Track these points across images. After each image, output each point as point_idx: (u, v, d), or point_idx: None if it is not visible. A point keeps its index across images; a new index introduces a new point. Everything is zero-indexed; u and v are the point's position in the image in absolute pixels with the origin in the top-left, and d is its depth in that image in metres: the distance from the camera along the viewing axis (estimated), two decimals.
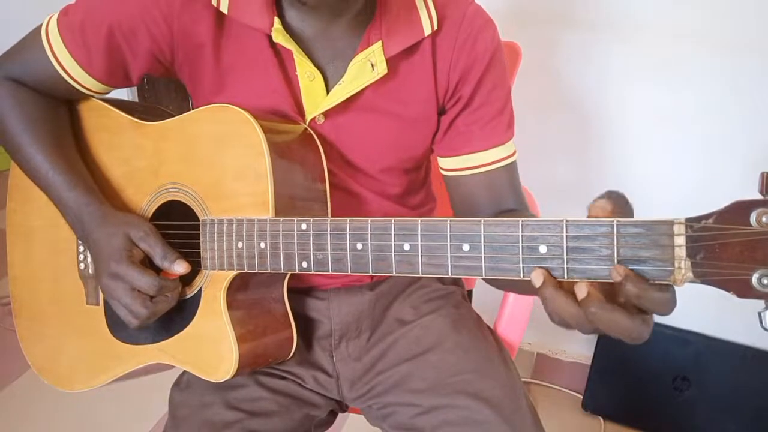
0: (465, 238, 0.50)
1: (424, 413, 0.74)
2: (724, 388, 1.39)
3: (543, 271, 0.47)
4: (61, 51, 0.71)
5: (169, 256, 0.67)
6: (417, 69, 0.70)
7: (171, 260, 0.67)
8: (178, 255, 0.67)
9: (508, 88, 0.75)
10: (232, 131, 0.65)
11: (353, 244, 0.56)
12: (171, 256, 0.67)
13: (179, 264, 0.67)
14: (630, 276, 0.43)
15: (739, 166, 1.25)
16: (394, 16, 0.68)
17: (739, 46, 1.17)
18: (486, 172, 0.74)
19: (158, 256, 0.67)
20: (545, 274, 0.47)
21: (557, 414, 1.53)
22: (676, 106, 1.27)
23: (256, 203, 0.64)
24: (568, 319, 0.46)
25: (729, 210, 0.41)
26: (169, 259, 0.67)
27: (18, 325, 0.85)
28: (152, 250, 0.67)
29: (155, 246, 0.67)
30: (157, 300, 0.66)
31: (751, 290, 0.40)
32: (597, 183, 1.42)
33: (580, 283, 0.45)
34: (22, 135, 0.73)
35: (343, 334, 0.81)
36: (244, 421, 0.74)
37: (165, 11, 0.68)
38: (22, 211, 0.85)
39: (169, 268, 0.67)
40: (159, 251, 0.67)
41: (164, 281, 0.66)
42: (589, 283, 0.45)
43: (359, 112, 0.71)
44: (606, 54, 1.28)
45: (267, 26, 0.66)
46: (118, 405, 1.48)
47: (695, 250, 0.42)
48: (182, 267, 0.67)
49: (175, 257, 0.67)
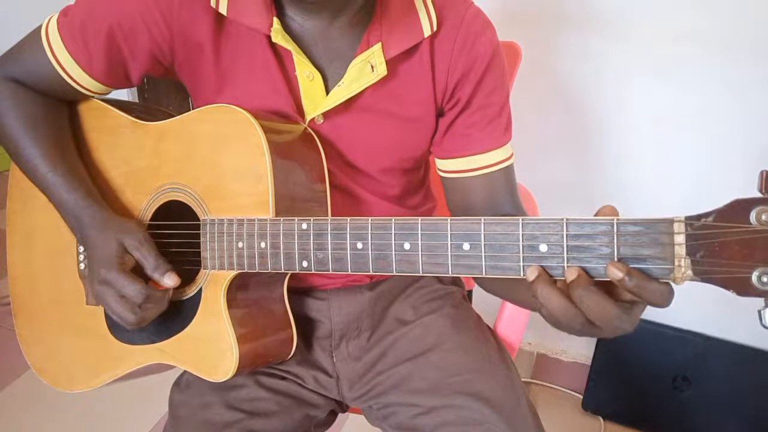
0: (465, 237, 0.50)
1: (424, 413, 0.74)
2: (724, 388, 1.39)
3: (538, 267, 0.47)
4: (61, 52, 0.71)
5: (161, 268, 0.67)
6: (416, 70, 0.70)
7: (161, 272, 0.67)
8: (169, 267, 0.68)
9: (507, 91, 0.75)
10: (233, 131, 0.65)
11: (353, 243, 0.56)
12: (162, 268, 0.67)
13: (169, 277, 0.67)
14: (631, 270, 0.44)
15: (738, 165, 1.25)
16: (394, 18, 0.68)
17: (738, 46, 1.17)
18: (484, 174, 0.74)
19: (150, 267, 0.67)
20: (540, 270, 0.47)
21: (557, 414, 1.53)
22: (676, 105, 1.27)
23: (257, 203, 0.64)
24: (557, 311, 0.47)
25: (729, 208, 0.41)
26: (160, 270, 0.67)
27: (17, 325, 0.85)
28: (144, 261, 0.68)
29: (148, 256, 0.67)
30: (145, 307, 0.66)
31: (751, 288, 0.40)
32: (596, 183, 1.42)
33: (572, 267, 0.46)
34: (23, 136, 0.73)
35: (343, 334, 0.81)
36: (244, 421, 0.74)
37: (164, 11, 0.68)
38: (23, 212, 0.85)
39: (159, 280, 0.67)
40: (151, 262, 0.67)
41: (152, 291, 0.66)
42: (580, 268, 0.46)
43: (358, 113, 0.71)
44: (606, 54, 1.28)
45: (266, 27, 0.66)
46: (118, 405, 1.48)
47: (695, 249, 0.42)
48: (172, 281, 0.67)
49: (166, 269, 0.67)
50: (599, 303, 0.45)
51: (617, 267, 0.44)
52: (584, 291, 0.45)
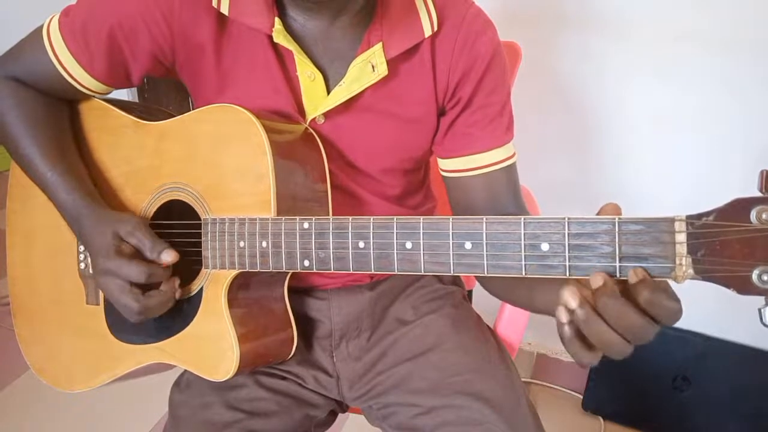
0: (467, 236, 0.50)
1: (424, 413, 0.74)
2: (724, 388, 1.39)
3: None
4: (62, 51, 0.71)
5: (157, 247, 0.68)
6: (417, 70, 0.71)
7: (159, 250, 0.67)
8: (166, 245, 0.68)
9: (508, 90, 0.75)
10: (234, 131, 0.65)
11: (355, 242, 0.57)
12: (159, 246, 0.68)
13: (167, 253, 0.67)
14: (647, 280, 0.43)
15: (738, 165, 1.25)
16: (395, 17, 0.68)
17: (738, 46, 1.17)
18: (486, 173, 0.74)
19: (147, 249, 0.68)
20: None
21: (557, 414, 1.53)
22: (676, 105, 1.27)
23: (258, 202, 0.64)
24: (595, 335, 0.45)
25: (729, 207, 0.41)
26: (157, 249, 0.67)
27: (17, 325, 0.85)
28: (141, 244, 0.68)
29: (143, 239, 0.68)
30: (150, 294, 0.67)
31: (751, 287, 0.40)
32: (596, 183, 1.42)
33: (597, 274, 0.45)
34: (23, 136, 0.73)
35: (343, 334, 0.82)
36: (244, 421, 0.74)
37: (165, 12, 0.68)
38: (23, 212, 0.85)
39: (158, 258, 0.67)
40: (147, 243, 0.68)
41: (152, 268, 0.66)
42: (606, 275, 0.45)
43: (359, 113, 0.71)
44: (606, 54, 1.28)
45: (267, 27, 0.66)
46: (118, 405, 1.47)
47: (696, 247, 0.42)
48: (170, 256, 0.67)
49: (163, 247, 0.68)
50: (622, 312, 0.44)
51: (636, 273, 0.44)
52: (608, 299, 0.44)
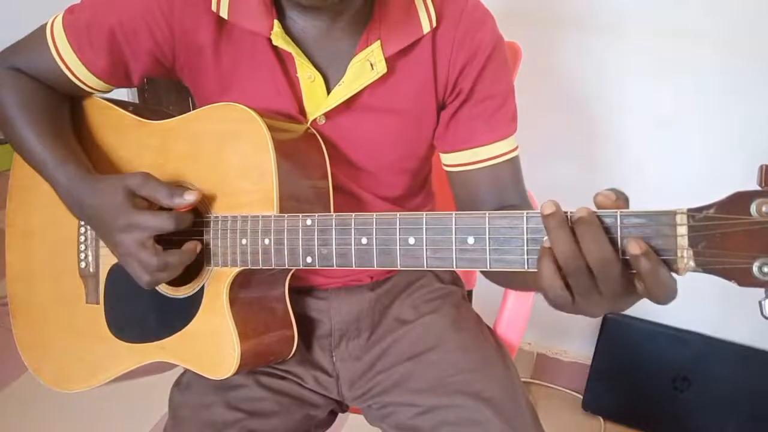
0: (470, 232, 0.51)
1: (423, 413, 0.74)
2: (724, 388, 1.39)
3: (555, 202, 0.46)
4: (65, 49, 0.71)
5: (177, 191, 0.64)
6: (416, 66, 0.71)
7: (180, 194, 0.64)
8: (184, 188, 0.65)
9: (510, 82, 0.75)
10: (237, 129, 0.66)
11: (358, 238, 0.57)
12: (178, 190, 0.64)
13: (189, 193, 0.64)
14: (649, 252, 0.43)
15: (738, 165, 1.25)
16: (393, 16, 0.68)
17: (739, 45, 1.18)
18: (490, 166, 0.74)
19: (164, 196, 0.64)
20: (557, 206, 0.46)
21: (557, 414, 1.53)
22: (676, 104, 1.28)
23: (261, 199, 0.64)
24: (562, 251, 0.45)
25: (730, 200, 0.42)
26: (176, 193, 0.64)
27: (15, 326, 0.85)
28: (155, 193, 0.64)
29: (158, 188, 0.64)
30: (171, 252, 0.64)
31: (752, 278, 0.41)
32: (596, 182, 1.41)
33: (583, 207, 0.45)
34: (19, 118, 0.73)
35: (343, 334, 0.82)
36: (244, 421, 0.74)
37: (166, 13, 0.68)
38: (22, 211, 0.84)
39: (181, 202, 0.64)
40: (163, 191, 0.64)
41: (179, 214, 0.64)
42: None
43: (360, 112, 0.71)
44: (606, 53, 1.29)
45: (267, 29, 0.66)
46: (118, 405, 1.47)
47: (697, 240, 0.43)
48: (193, 196, 0.64)
49: (182, 190, 0.64)
50: (601, 243, 0.44)
51: (638, 244, 0.43)
52: (589, 227, 0.44)
